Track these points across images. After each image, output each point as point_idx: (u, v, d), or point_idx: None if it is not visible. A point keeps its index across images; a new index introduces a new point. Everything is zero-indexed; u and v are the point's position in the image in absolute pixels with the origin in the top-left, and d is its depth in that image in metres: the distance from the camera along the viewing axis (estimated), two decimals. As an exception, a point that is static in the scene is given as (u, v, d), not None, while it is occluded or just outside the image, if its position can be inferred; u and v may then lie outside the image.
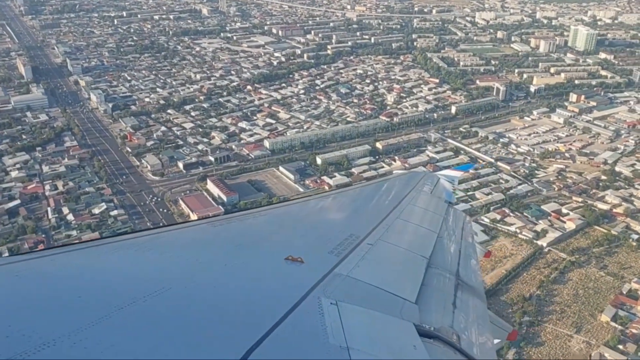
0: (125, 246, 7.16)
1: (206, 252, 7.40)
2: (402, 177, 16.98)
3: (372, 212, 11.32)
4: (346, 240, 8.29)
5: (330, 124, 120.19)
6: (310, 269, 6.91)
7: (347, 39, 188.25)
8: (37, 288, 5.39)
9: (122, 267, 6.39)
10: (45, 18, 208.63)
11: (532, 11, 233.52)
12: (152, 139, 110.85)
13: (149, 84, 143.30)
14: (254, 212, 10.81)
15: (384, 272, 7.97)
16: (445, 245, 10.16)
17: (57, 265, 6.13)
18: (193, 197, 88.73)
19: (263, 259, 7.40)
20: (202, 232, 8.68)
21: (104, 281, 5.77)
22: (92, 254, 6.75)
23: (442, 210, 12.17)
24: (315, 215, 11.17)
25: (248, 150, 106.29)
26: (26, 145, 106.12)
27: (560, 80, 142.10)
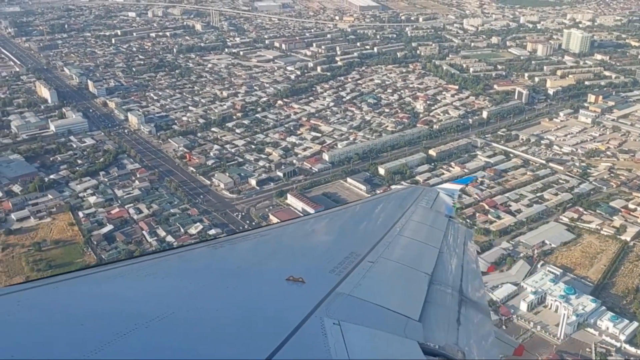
0: (127, 271, 7.18)
1: (208, 275, 7.43)
2: (402, 192, 16.94)
3: (372, 229, 11.43)
4: (347, 259, 8.28)
5: (373, 134, 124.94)
6: (311, 289, 6.90)
7: (352, 50, 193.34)
8: (40, 317, 5.44)
9: (124, 292, 6.43)
10: (40, 39, 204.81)
11: (514, 16, 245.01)
12: (210, 158, 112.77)
13: (178, 102, 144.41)
14: (255, 233, 10.86)
15: (387, 290, 7.96)
16: (447, 260, 10.13)
17: (59, 293, 6.12)
18: (282, 212, 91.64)
19: (264, 280, 7.40)
20: (204, 255, 8.65)
21: (106, 307, 5.82)
22: (94, 280, 6.78)
23: (442, 225, 12.16)
24: (315, 234, 11.13)
25: (310, 164, 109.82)
26: (89, 170, 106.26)
27: (571, 82, 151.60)
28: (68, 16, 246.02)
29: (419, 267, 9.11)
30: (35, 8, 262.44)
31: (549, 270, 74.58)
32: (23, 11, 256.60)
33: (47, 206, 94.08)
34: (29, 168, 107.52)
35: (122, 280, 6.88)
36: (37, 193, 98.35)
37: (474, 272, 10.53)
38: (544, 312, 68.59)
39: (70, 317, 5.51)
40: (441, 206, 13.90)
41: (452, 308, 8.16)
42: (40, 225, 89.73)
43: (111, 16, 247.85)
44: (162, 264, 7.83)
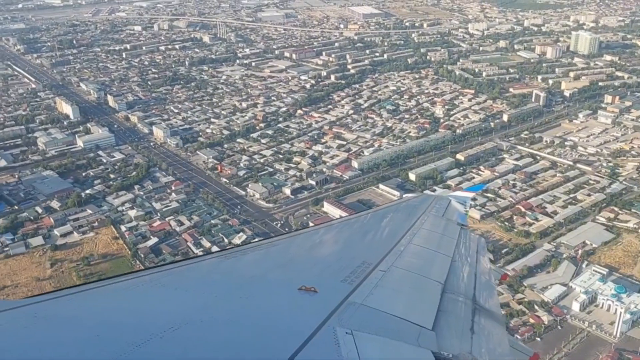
0: (140, 283, 7.28)
1: (221, 285, 7.51)
2: (413, 200, 16.85)
3: (383, 238, 11.46)
4: (359, 268, 8.29)
5: (397, 140, 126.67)
6: (324, 299, 6.93)
7: (362, 58, 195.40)
8: (56, 329, 5.53)
9: (138, 303, 6.51)
10: (51, 55, 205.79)
11: (517, 19, 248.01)
12: (241, 169, 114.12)
13: (199, 115, 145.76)
14: (267, 243, 11.01)
15: (399, 299, 7.96)
16: (460, 269, 10.07)
17: (74, 305, 6.25)
18: (320, 219, 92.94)
19: (277, 290, 7.47)
20: (217, 266, 8.70)
21: (120, 318, 5.91)
22: (108, 291, 6.88)
23: (455, 233, 12.15)
24: (326, 243, 11.12)
25: (340, 172, 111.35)
26: (124, 184, 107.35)
27: (585, 83, 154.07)
28: (74, 32, 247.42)
29: (431, 276, 9.09)
30: (39, 24, 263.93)
31: (595, 270, 76.23)
32: (28, 28, 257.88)
33: (89, 221, 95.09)
34: (64, 184, 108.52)
35: (136, 291, 6.93)
36: (76, 208, 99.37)
37: (488, 281, 10.41)
38: (596, 311, 70.11)
39: (85, 328, 5.58)
40: (453, 214, 13.83)
41: (465, 317, 8.11)
42: (84, 240, 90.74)
43: (117, 30, 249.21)
44: (176, 275, 7.91)
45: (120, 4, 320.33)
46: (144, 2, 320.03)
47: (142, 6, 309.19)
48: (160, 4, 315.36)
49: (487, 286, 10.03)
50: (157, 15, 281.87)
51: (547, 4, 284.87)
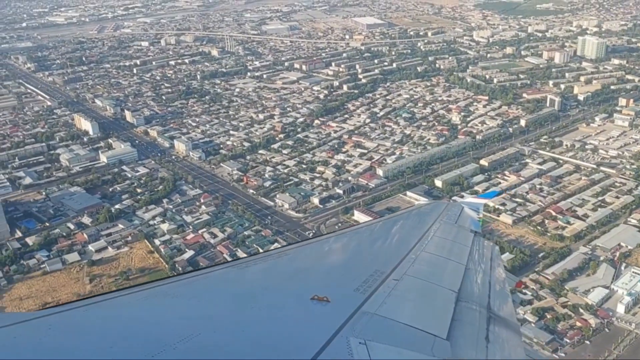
0: (152, 294, 7.29)
1: (233, 295, 7.51)
2: (425, 207, 16.88)
3: (396, 246, 11.36)
4: (371, 277, 8.24)
5: (417, 147, 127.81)
6: (336, 308, 6.89)
7: (372, 67, 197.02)
8: (70, 341, 5.58)
9: (151, 314, 6.54)
10: (62, 73, 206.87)
11: (521, 26, 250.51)
12: (267, 179, 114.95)
13: (218, 127, 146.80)
14: (278, 252, 10.92)
15: (413, 309, 7.93)
16: (474, 277, 10.00)
17: (87, 317, 6.29)
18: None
19: (289, 299, 7.45)
20: (229, 276, 8.70)
21: (133, 330, 5.95)
22: (121, 303, 6.91)
23: (468, 241, 12.03)
24: (339, 252, 11.07)
25: (366, 180, 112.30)
26: (152, 198, 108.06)
27: (597, 87, 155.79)
28: (82, 49, 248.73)
29: (445, 284, 9.01)
30: (46, 42, 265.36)
31: (635, 272, 77.05)
32: (36, 46, 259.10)
33: (122, 235, 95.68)
34: (93, 199, 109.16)
35: (149, 303, 6.96)
36: (107, 223, 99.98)
37: (502, 288, 10.34)
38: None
39: (99, 339, 5.62)
40: (466, 221, 13.73)
41: (480, 325, 8.02)
42: (120, 254, 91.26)
43: (125, 47, 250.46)
44: (188, 286, 7.91)
45: (124, 20, 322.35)
46: (148, 18, 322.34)
47: (146, 22, 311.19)
48: (164, 20, 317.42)
49: (501, 294, 9.99)
50: (162, 30, 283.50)
51: (548, 11, 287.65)
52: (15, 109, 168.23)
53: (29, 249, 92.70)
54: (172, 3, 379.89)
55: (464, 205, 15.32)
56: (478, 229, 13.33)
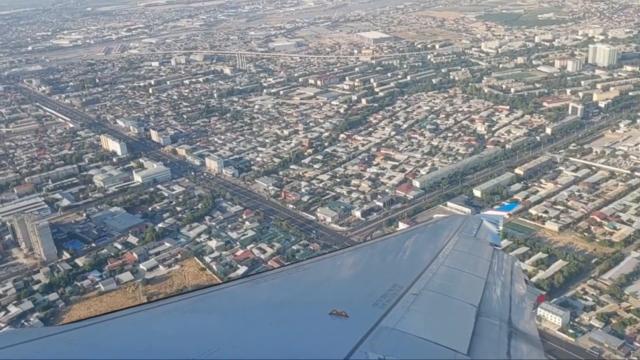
0: (172, 309, 7.35)
1: (251, 310, 7.53)
2: (443, 221, 16.77)
3: (414, 260, 11.30)
4: (390, 291, 8.20)
5: (448, 158, 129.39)
6: (355, 323, 6.87)
7: (387, 81, 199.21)
8: (91, 356, 5.65)
9: (171, 329, 6.58)
10: (78, 95, 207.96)
11: (526, 36, 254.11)
12: (304, 194, 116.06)
13: (245, 144, 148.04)
14: (296, 267, 10.94)
15: (432, 324, 7.87)
16: (494, 291, 9.91)
17: (108, 332, 6.35)
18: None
19: (308, 314, 7.44)
20: (247, 290, 8.73)
21: (154, 345, 6.01)
22: (141, 318, 6.98)
23: (488, 254, 11.93)
24: (356, 266, 11.04)
25: (403, 192, 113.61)
26: (195, 216, 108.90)
27: (616, 94, 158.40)
28: (93, 70, 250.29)
29: (464, 299, 8.94)
30: (55, 65, 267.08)
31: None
32: (46, 69, 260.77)
33: (171, 254, 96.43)
34: (135, 219, 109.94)
35: (169, 318, 6.99)
36: (154, 242, 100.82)
37: (523, 303, 10.24)
38: None
39: (120, 355, 5.70)
40: (485, 234, 13.65)
41: (501, 341, 7.92)
42: (172, 272, 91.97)
43: (135, 67, 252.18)
44: (207, 300, 7.94)
45: (129, 41, 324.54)
46: (152, 39, 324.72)
47: (151, 42, 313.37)
48: (169, 39, 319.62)
49: (523, 308, 9.85)
50: (169, 50, 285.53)
51: (550, 20, 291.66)
52: (38, 132, 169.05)
53: (80, 269, 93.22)
54: (174, 23, 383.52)
55: (483, 218, 15.32)
56: (498, 242, 13.26)
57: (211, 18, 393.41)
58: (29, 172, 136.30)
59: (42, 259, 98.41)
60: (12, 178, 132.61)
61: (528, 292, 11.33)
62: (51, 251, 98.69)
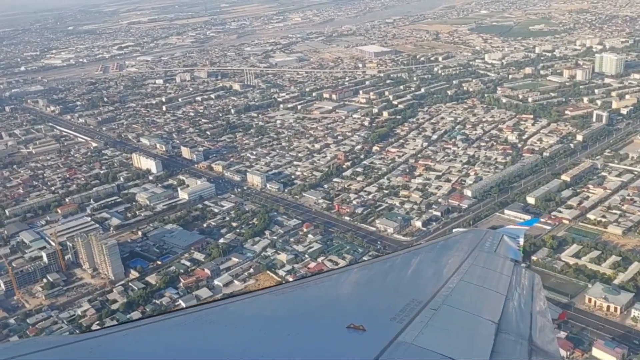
0: (190, 320, 7.36)
1: (269, 323, 7.52)
2: (463, 235, 16.78)
3: (433, 275, 11.28)
4: (408, 306, 8.17)
5: (489, 167, 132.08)
6: (372, 338, 6.90)
7: (403, 93, 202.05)
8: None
9: (188, 340, 6.61)
10: (91, 114, 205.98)
11: (525, 47, 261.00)
12: (357, 206, 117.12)
13: (280, 159, 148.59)
14: (315, 280, 10.95)
15: (451, 340, 7.82)
16: (514, 307, 9.85)
17: (127, 342, 6.47)
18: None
19: (325, 327, 7.45)
20: (264, 303, 8.74)
21: (171, 356, 6.10)
22: (159, 328, 7.06)
23: (508, 270, 11.91)
24: (374, 280, 10.97)
25: (457, 201, 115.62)
26: (255, 230, 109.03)
27: (634, 101, 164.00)
28: (97, 89, 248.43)
29: (484, 315, 8.89)
30: (55, 85, 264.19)
31: None
32: (47, 89, 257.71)
33: (243, 268, 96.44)
34: (194, 235, 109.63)
35: (187, 328, 7.01)
36: (221, 258, 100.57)
37: (544, 320, 10.15)
38: None
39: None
40: (506, 250, 13.62)
41: (521, 358, 7.88)
42: (248, 287, 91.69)
43: (140, 85, 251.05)
44: (225, 312, 7.98)
45: (124, 59, 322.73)
46: (147, 57, 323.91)
47: (147, 60, 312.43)
48: (164, 57, 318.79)
49: (544, 326, 9.77)
50: (168, 67, 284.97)
51: (542, 32, 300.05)
52: (61, 152, 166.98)
53: (155, 287, 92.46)
54: (164, 41, 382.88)
55: (504, 233, 15.20)
56: (518, 258, 13.17)
57: (201, 35, 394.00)
58: (67, 192, 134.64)
59: (109, 279, 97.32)
60: (51, 199, 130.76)
61: (549, 309, 11.24)
62: (119, 270, 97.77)
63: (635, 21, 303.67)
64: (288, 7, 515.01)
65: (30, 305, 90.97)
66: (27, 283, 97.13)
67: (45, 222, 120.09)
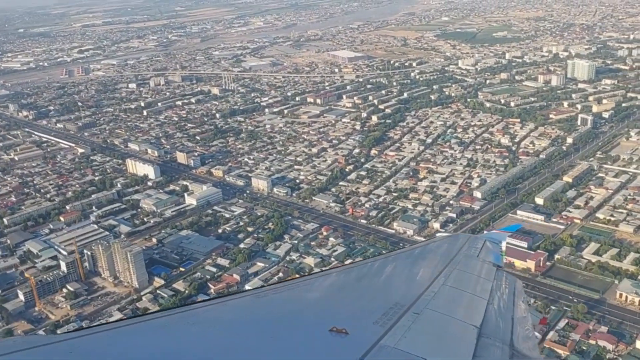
0: (172, 321, 7.41)
1: (252, 325, 7.54)
2: (446, 240, 16.84)
3: (416, 279, 11.29)
4: (391, 310, 8.21)
5: (490, 169, 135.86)
6: (355, 341, 6.91)
7: (387, 98, 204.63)
8: None
9: (169, 342, 6.62)
10: (69, 119, 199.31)
11: (494, 53, 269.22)
12: (370, 209, 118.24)
13: (279, 163, 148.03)
14: (298, 282, 10.92)
15: (433, 344, 7.93)
16: (496, 312, 9.93)
17: (107, 342, 6.42)
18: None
19: (308, 330, 7.51)
20: (248, 305, 8.73)
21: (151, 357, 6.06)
22: (141, 329, 7.03)
23: (490, 275, 11.97)
24: (358, 283, 11.00)
25: (469, 202, 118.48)
26: (275, 235, 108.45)
27: (612, 105, 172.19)
28: (66, 94, 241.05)
29: (466, 319, 8.94)
30: (20, 89, 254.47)
31: None
32: (12, 93, 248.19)
33: (272, 273, 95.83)
34: (212, 241, 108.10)
35: (168, 329, 7.02)
36: (246, 263, 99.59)
37: (525, 325, 10.23)
38: None
39: None
40: (488, 255, 13.66)
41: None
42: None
43: (112, 89, 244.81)
44: (207, 314, 7.97)
45: (87, 63, 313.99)
46: (112, 60, 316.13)
47: (112, 64, 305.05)
48: (130, 61, 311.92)
49: (524, 331, 9.84)
50: (137, 72, 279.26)
51: (506, 38, 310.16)
52: (47, 158, 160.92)
53: (184, 294, 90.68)
54: (126, 44, 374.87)
55: (486, 238, 15.37)
56: (500, 263, 13.27)
57: (163, 38, 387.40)
58: (64, 199, 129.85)
59: (133, 287, 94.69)
60: (50, 206, 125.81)
61: (530, 315, 11.34)
62: (143, 278, 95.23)
63: (592, 29, 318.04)
64: (246, 12, 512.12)
65: (55, 316, 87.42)
66: (47, 293, 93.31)
67: (49, 231, 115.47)
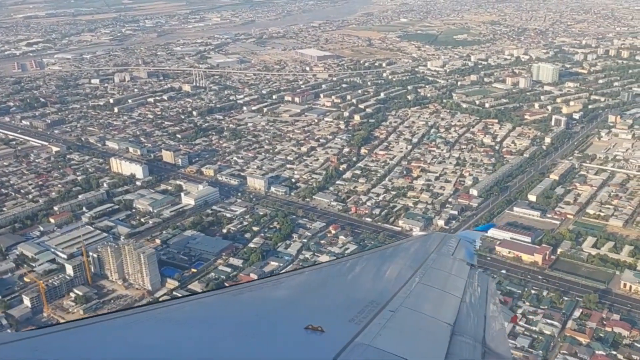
0: (143, 318, 7.27)
1: (225, 322, 7.47)
2: (421, 239, 16.93)
3: (392, 277, 11.41)
4: (367, 307, 8.25)
5: (479, 168, 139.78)
6: (330, 339, 6.94)
7: (366, 97, 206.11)
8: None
9: (138, 339, 6.47)
10: (34, 115, 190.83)
11: (459, 56, 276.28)
12: (373, 207, 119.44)
13: (270, 162, 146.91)
14: (273, 280, 10.97)
15: (407, 341, 7.97)
16: (469, 310, 10.06)
17: (74, 340, 6.22)
18: (506, 243, 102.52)
19: (283, 328, 7.47)
20: (222, 302, 8.68)
21: (119, 355, 5.91)
22: (110, 326, 6.84)
23: (464, 273, 12.19)
24: (334, 281, 11.03)
25: (466, 200, 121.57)
26: (283, 234, 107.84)
27: (580, 107, 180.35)
28: (24, 89, 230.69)
29: (440, 317, 9.04)
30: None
31: None
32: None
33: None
34: (219, 241, 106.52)
35: (138, 327, 6.94)
36: (260, 262, 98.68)
37: (498, 323, 10.49)
38: None
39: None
40: (463, 253, 13.84)
41: (474, 359, 8.05)
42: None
43: (74, 85, 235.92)
44: (179, 311, 7.97)
45: (40, 57, 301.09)
46: (66, 55, 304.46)
47: (67, 58, 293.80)
48: (86, 55, 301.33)
49: (497, 328, 10.05)
50: (96, 67, 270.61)
51: (467, 41, 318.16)
52: (19, 157, 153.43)
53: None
54: (77, 38, 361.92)
55: (461, 237, 15.65)
56: (474, 262, 13.52)
57: (117, 32, 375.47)
58: (50, 200, 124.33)
59: (146, 289, 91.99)
60: (36, 208, 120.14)
61: (502, 312, 11.74)
62: (156, 280, 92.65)
63: (545, 34, 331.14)
64: (199, 7, 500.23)
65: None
66: (54, 298, 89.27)
67: (40, 233, 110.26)
